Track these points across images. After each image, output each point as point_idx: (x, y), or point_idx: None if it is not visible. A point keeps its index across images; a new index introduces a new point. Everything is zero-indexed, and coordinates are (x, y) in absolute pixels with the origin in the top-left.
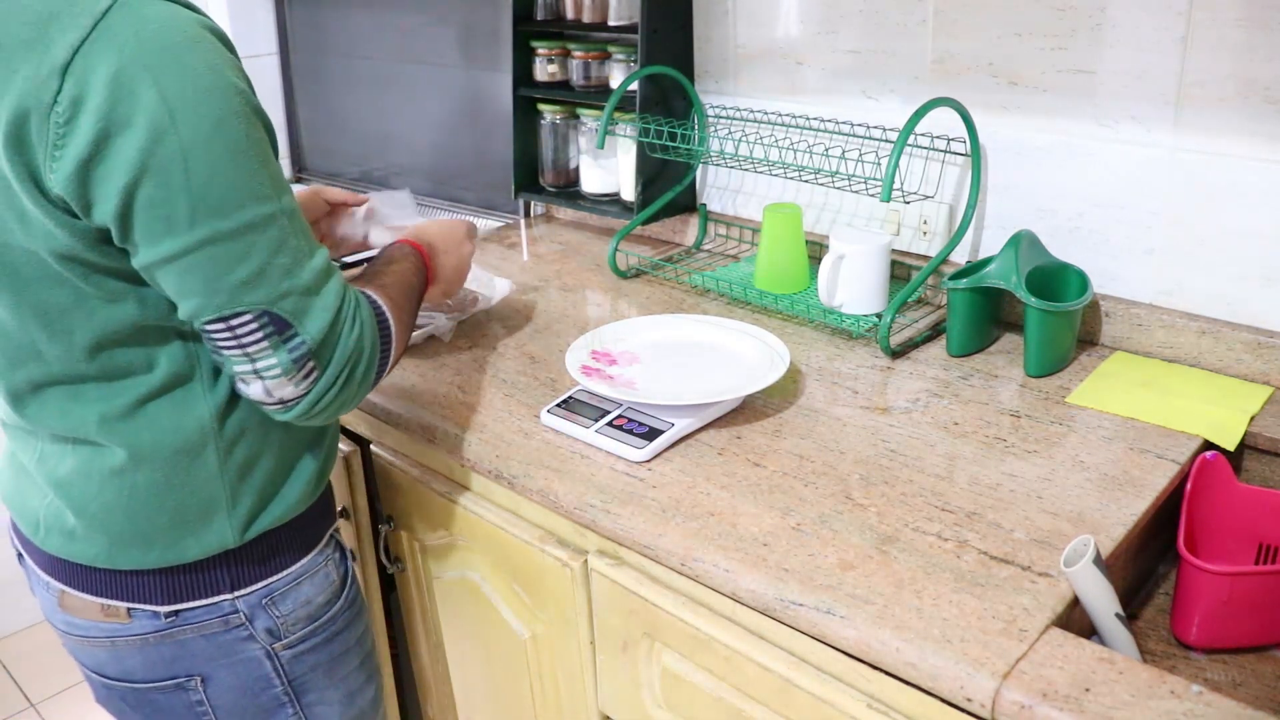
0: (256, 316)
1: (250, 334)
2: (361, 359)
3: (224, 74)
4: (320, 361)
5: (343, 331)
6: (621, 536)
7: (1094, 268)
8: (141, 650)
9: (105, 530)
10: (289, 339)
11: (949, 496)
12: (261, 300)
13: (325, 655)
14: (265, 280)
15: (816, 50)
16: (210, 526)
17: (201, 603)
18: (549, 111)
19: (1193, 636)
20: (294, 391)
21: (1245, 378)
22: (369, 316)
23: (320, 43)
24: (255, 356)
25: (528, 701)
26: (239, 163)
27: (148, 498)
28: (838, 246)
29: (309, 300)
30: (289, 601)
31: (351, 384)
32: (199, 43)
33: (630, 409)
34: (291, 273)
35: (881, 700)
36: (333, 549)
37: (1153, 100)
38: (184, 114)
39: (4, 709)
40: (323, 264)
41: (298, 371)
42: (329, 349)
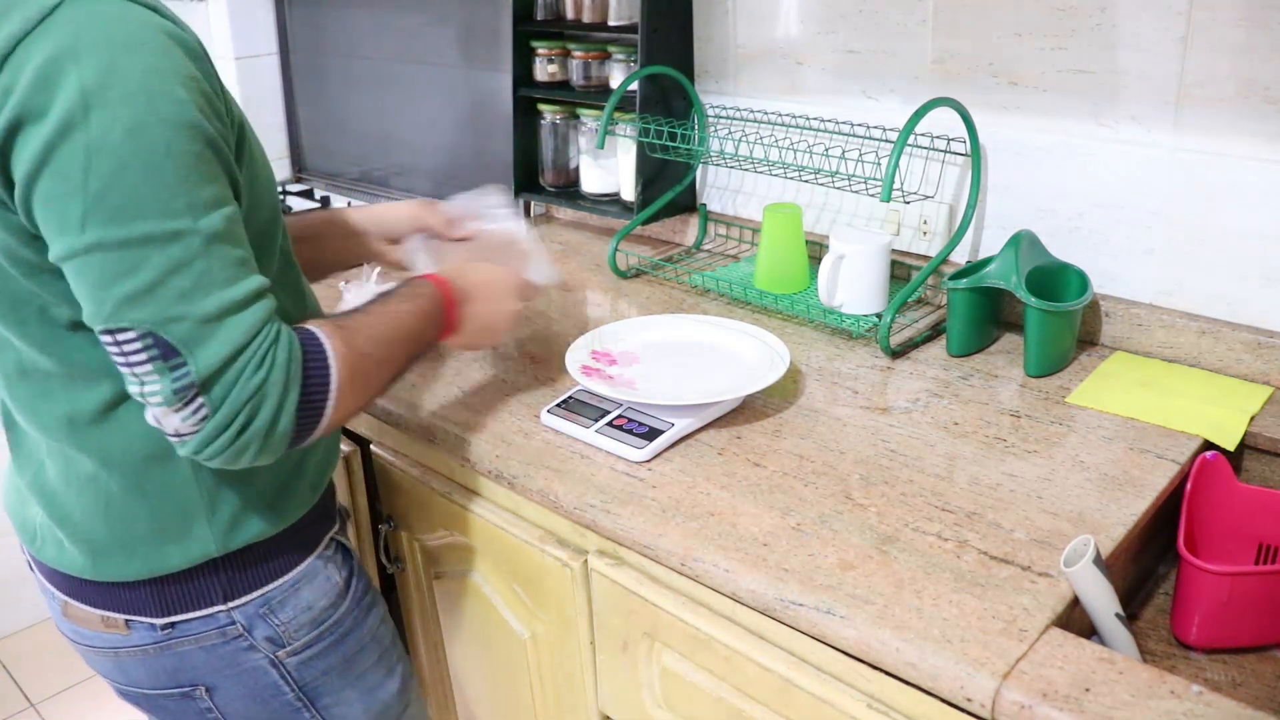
0: (141, 336)
1: (135, 353)
2: (264, 405)
3: (163, 80)
4: (210, 399)
5: (243, 371)
6: (621, 536)
7: (1094, 268)
8: (144, 661)
9: (87, 540)
10: (175, 367)
11: (949, 496)
12: (147, 319)
13: (336, 658)
14: (154, 299)
15: (816, 50)
16: (190, 534)
17: (196, 614)
18: (549, 111)
19: (1193, 636)
20: (181, 425)
21: (1245, 378)
22: (285, 360)
23: (320, 43)
24: (141, 379)
25: (528, 701)
26: (150, 173)
27: (123, 506)
28: (838, 246)
29: (206, 329)
30: (288, 609)
31: (250, 430)
32: (144, 45)
33: (630, 409)
34: (189, 297)
35: (881, 700)
36: (333, 551)
37: (1153, 100)
38: (99, 112)
39: (4, 709)
40: (240, 296)
41: (182, 404)
42: (221, 387)
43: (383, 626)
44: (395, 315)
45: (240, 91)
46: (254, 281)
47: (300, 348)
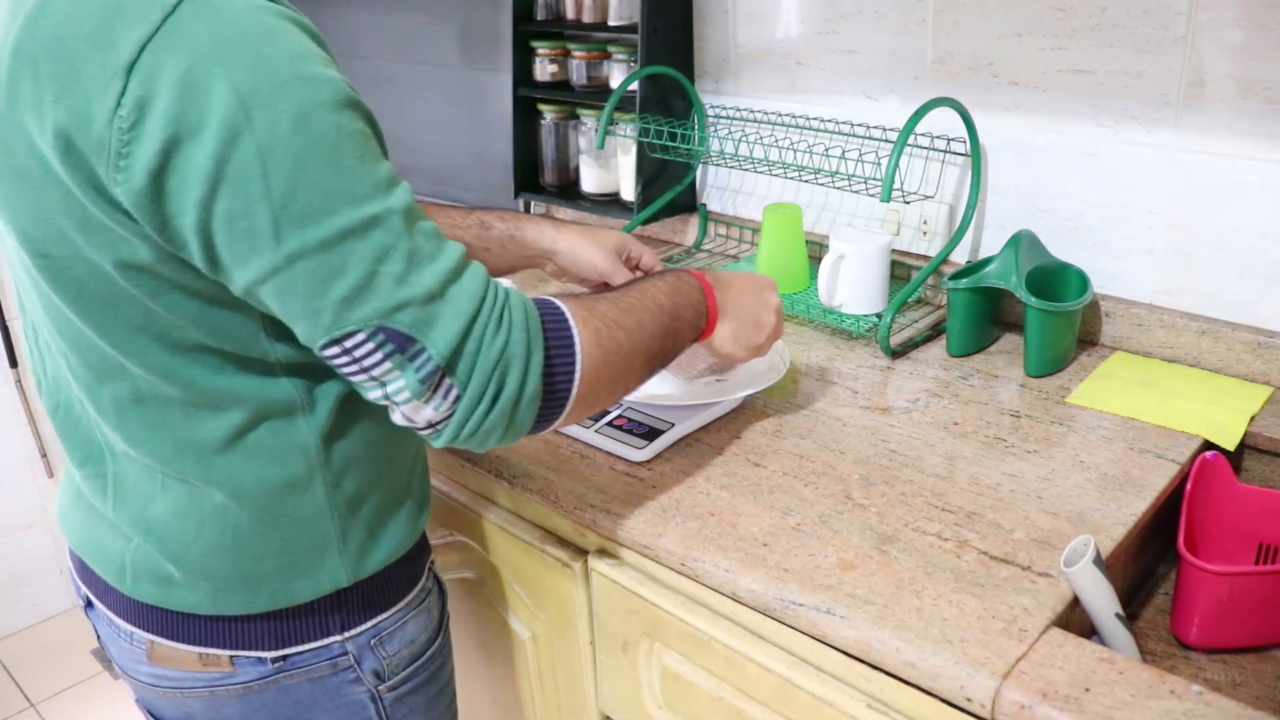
0: (371, 335)
1: (369, 355)
2: (511, 369)
3: (308, 63)
4: (457, 377)
5: (483, 339)
6: (621, 536)
7: (1094, 268)
8: (243, 699)
9: (209, 576)
10: (414, 356)
11: (949, 496)
12: (372, 315)
13: (424, 697)
14: (372, 293)
15: (816, 50)
16: (322, 566)
17: (311, 646)
18: (549, 111)
19: (1193, 636)
20: (434, 414)
21: (1245, 378)
22: (522, 319)
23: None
24: (382, 380)
25: (528, 701)
26: (327, 161)
27: (253, 539)
28: (838, 246)
29: (433, 308)
30: (395, 641)
31: (503, 399)
32: (278, 32)
33: (630, 409)
34: (406, 280)
35: (881, 700)
36: (432, 581)
37: (1153, 100)
38: (260, 111)
39: (4, 709)
40: (452, 264)
41: (431, 391)
42: (465, 361)
43: (454, 673)
44: (645, 290)
45: None
46: (456, 247)
47: (535, 307)
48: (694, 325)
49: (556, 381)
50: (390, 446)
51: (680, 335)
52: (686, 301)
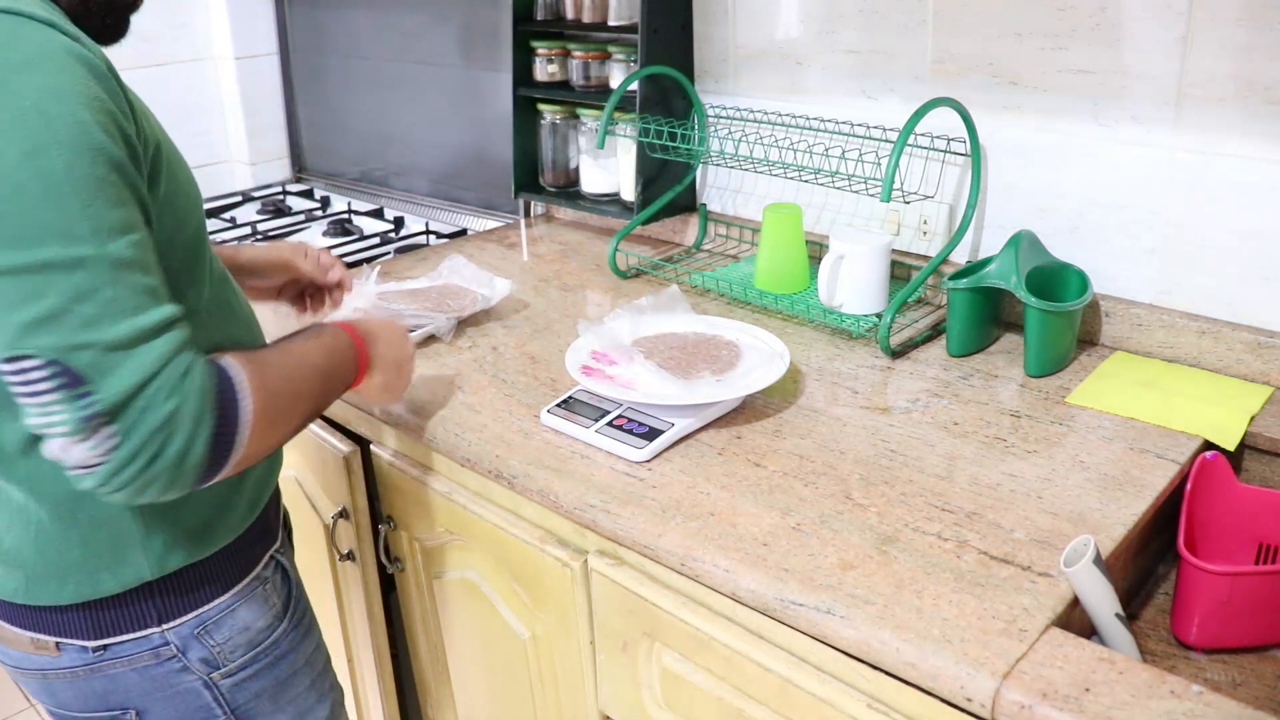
0: (46, 364)
1: (40, 382)
2: (176, 435)
3: (62, 101)
4: (119, 428)
5: (154, 400)
6: (621, 536)
7: (1094, 268)
8: (73, 684)
9: (20, 566)
10: (81, 395)
11: (949, 496)
12: (50, 346)
13: (270, 680)
14: (58, 326)
15: (816, 50)
16: (124, 560)
17: (130, 636)
18: (549, 111)
19: (1193, 636)
20: (89, 457)
21: (1245, 378)
22: (199, 390)
23: (320, 43)
24: (46, 409)
25: (528, 701)
26: (49, 198)
27: (55, 535)
28: (838, 246)
29: (114, 357)
30: (224, 630)
31: (160, 461)
32: (41, 64)
33: (630, 409)
34: (96, 325)
35: (881, 700)
36: (271, 571)
37: (1153, 100)
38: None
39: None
40: (152, 323)
41: (90, 434)
42: (130, 415)
43: (317, 652)
44: (304, 352)
45: (240, 91)
46: (166, 310)
47: (215, 379)
48: (345, 381)
49: (222, 448)
50: None
51: (333, 392)
52: (340, 361)
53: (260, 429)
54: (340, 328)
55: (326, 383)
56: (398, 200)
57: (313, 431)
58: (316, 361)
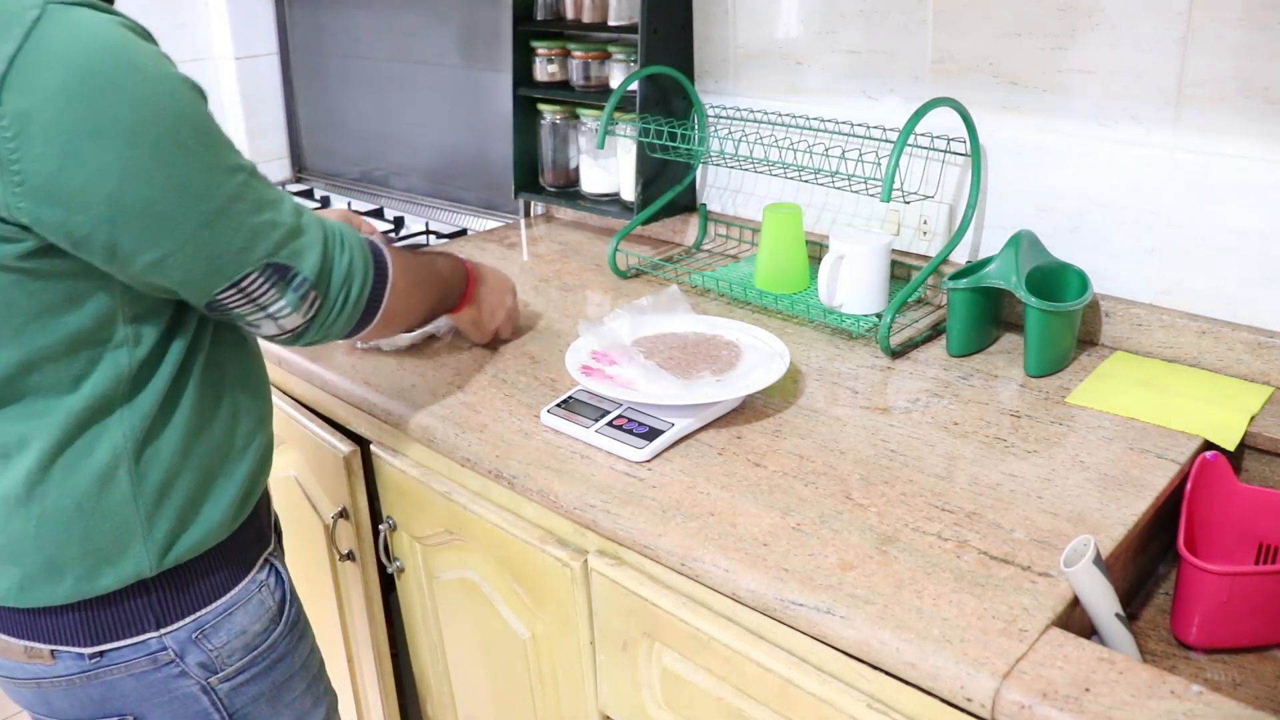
0: (261, 271)
1: (259, 288)
2: (355, 276)
3: (163, 64)
4: (321, 289)
5: (334, 257)
6: (621, 536)
7: (1094, 268)
8: (69, 692)
9: (15, 563)
10: (291, 279)
11: (949, 496)
12: (261, 255)
13: (267, 684)
14: (259, 238)
15: (816, 50)
16: (126, 554)
17: (126, 641)
18: (549, 111)
19: (1193, 636)
20: (301, 320)
21: (1245, 378)
22: (355, 239)
23: (320, 43)
24: (266, 304)
25: (528, 701)
26: (205, 144)
27: (56, 525)
28: (838, 246)
29: (298, 239)
30: (222, 633)
31: (349, 301)
32: (133, 43)
33: (630, 409)
34: (275, 222)
35: (881, 700)
36: (267, 574)
37: (1153, 100)
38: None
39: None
40: (291, 201)
41: (303, 303)
42: (326, 275)
43: (312, 654)
44: (433, 258)
45: (240, 91)
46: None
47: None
48: (452, 300)
49: (376, 295)
50: (208, 442)
51: (444, 302)
52: (457, 280)
53: (400, 287)
54: (461, 261)
55: (444, 287)
56: (398, 200)
57: (313, 431)
58: (441, 268)
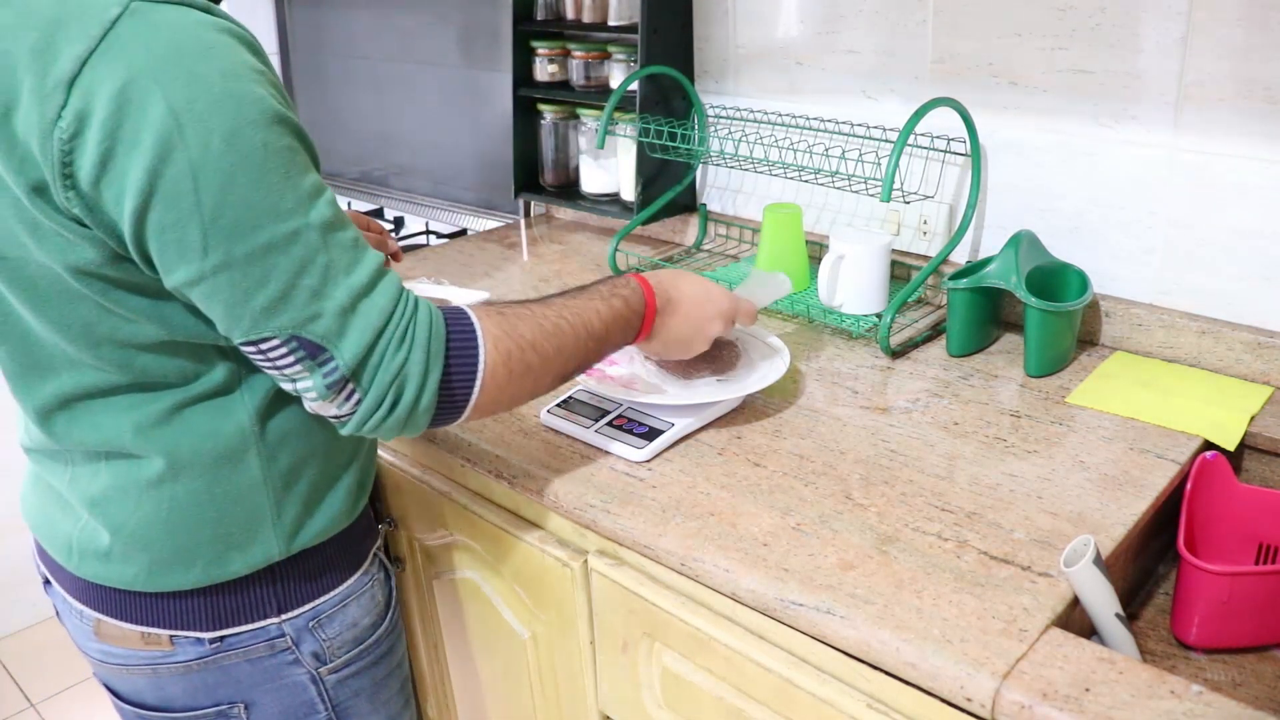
0: (285, 341)
1: (281, 358)
2: (409, 383)
3: (241, 80)
4: (359, 384)
5: (385, 352)
6: (621, 536)
7: (1094, 268)
8: (185, 677)
9: (145, 548)
10: (323, 362)
11: (949, 496)
12: (287, 325)
13: (369, 680)
14: (289, 304)
15: (816, 50)
16: (256, 538)
17: (247, 627)
18: (549, 111)
19: (1193, 636)
20: (338, 411)
21: (1245, 378)
22: (425, 337)
23: (320, 43)
24: (293, 378)
25: (528, 701)
26: (255, 178)
27: (189, 509)
28: (838, 246)
29: (344, 320)
30: (335, 624)
31: (399, 408)
32: (213, 48)
33: (630, 409)
34: (321, 294)
35: (881, 700)
36: (377, 568)
37: (1153, 100)
38: (193, 128)
39: (4, 709)
40: (365, 279)
41: (336, 394)
42: (368, 371)
43: (405, 657)
44: (581, 311)
45: None
46: (372, 259)
47: (444, 325)
48: (621, 344)
49: (455, 394)
50: (327, 425)
51: (603, 354)
52: (622, 326)
53: (499, 378)
54: (643, 292)
55: (597, 346)
56: (398, 200)
57: None
58: (592, 324)
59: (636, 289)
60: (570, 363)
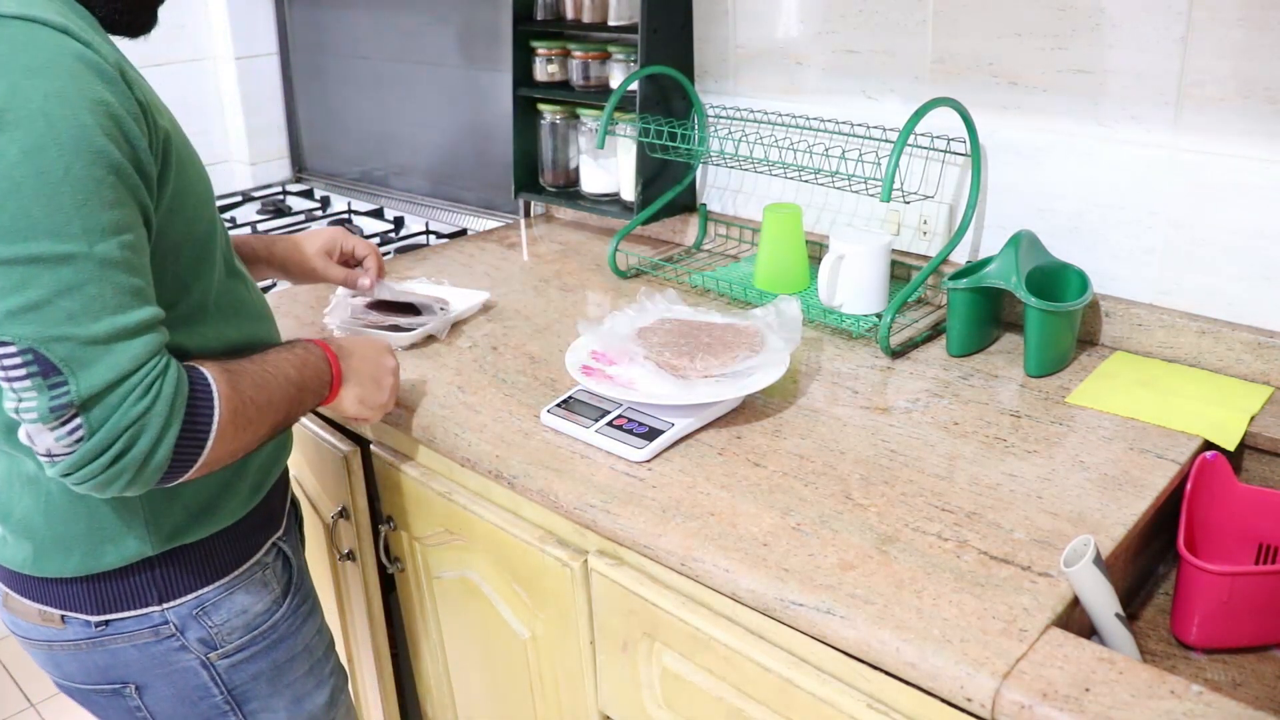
0: (21, 351)
1: (15, 369)
2: (144, 434)
3: (65, 104)
4: (88, 421)
5: (126, 397)
6: (621, 536)
7: (1094, 268)
8: (76, 656)
9: (29, 536)
10: (54, 385)
11: (949, 496)
12: (29, 335)
13: (267, 663)
14: (39, 317)
15: (816, 50)
16: (128, 534)
17: (130, 614)
18: (549, 111)
19: (1193, 636)
20: (56, 445)
21: (1245, 378)
22: (171, 393)
23: (320, 43)
24: (19, 394)
25: (528, 701)
26: (44, 195)
27: (63, 504)
28: (838, 246)
29: (91, 352)
30: (222, 611)
31: (128, 458)
32: (49, 69)
33: (630, 409)
34: (76, 319)
35: (881, 700)
36: (274, 558)
37: (1153, 100)
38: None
39: (4, 709)
40: (132, 323)
41: (58, 423)
42: (102, 410)
43: (318, 637)
44: (277, 363)
45: (240, 91)
46: (146, 312)
47: (188, 384)
48: (318, 394)
49: (186, 452)
50: None
51: (304, 404)
52: (313, 374)
53: (227, 435)
54: (314, 343)
55: (298, 393)
56: (398, 200)
57: (313, 431)
58: (289, 373)
59: (307, 343)
60: (279, 413)
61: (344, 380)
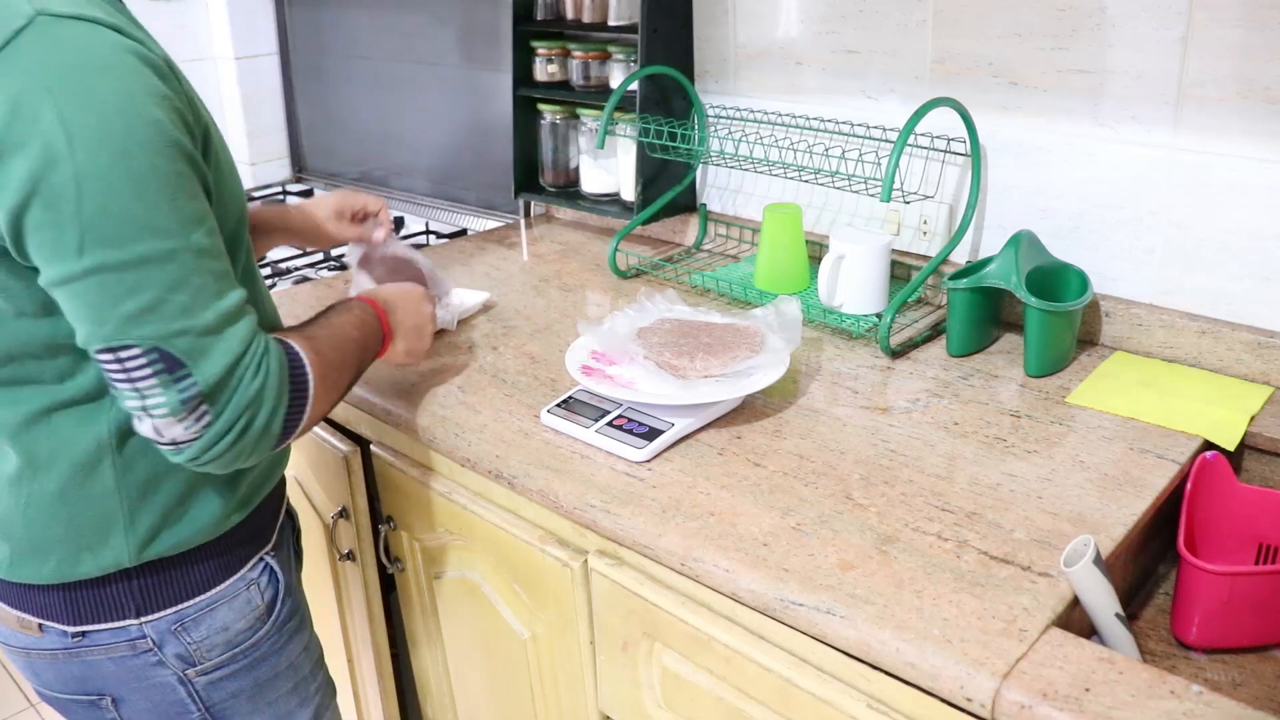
0: (146, 352)
1: (139, 369)
2: (261, 409)
3: (137, 102)
4: (214, 406)
5: (243, 378)
6: (621, 536)
7: (1094, 268)
8: (53, 665)
9: (6, 538)
10: (180, 379)
11: (949, 496)
12: (151, 336)
13: (248, 681)
14: (157, 316)
15: (816, 50)
16: (107, 543)
17: (107, 626)
18: (549, 111)
19: (1193, 636)
20: (184, 434)
21: (1245, 378)
22: (278, 367)
23: (320, 43)
24: (144, 393)
25: (528, 701)
26: (139, 194)
27: (43, 508)
28: (838, 246)
29: (207, 341)
30: (202, 628)
31: (249, 434)
32: (114, 68)
33: (630, 409)
34: (190, 311)
35: (881, 700)
36: (259, 573)
37: (1153, 100)
38: (82, 140)
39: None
40: (232, 306)
41: (188, 414)
42: (224, 394)
43: (303, 655)
44: (341, 326)
45: (240, 91)
46: (239, 293)
47: (286, 356)
48: (375, 350)
49: (290, 420)
50: None
51: (366, 361)
52: (370, 332)
53: (320, 399)
54: (364, 301)
55: (363, 353)
56: (398, 200)
57: (313, 431)
58: (352, 334)
59: (359, 301)
60: (352, 371)
61: (393, 334)
